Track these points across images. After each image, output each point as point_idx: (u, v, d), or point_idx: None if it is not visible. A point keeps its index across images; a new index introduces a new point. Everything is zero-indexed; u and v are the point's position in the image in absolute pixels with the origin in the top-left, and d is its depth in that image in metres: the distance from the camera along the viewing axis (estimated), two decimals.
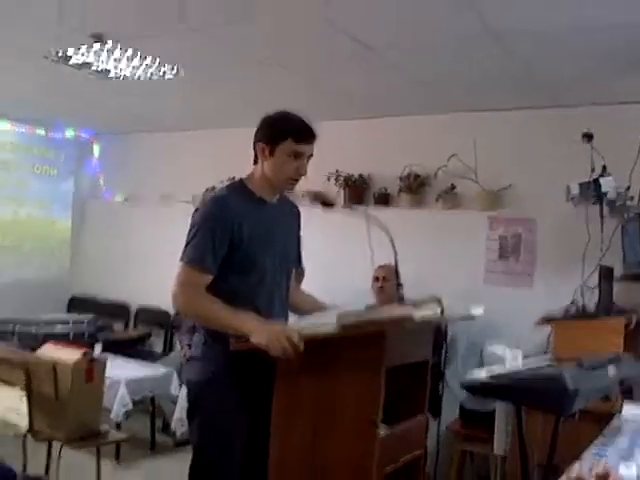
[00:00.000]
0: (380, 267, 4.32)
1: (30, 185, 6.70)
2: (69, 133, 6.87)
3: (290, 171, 2.29)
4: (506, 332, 3.14)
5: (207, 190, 5.68)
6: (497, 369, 2.34)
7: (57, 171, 6.95)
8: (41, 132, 6.66)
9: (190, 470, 2.28)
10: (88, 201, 7.05)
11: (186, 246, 2.23)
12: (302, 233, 2.61)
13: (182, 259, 2.23)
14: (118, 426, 4.11)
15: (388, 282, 4.26)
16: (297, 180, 2.35)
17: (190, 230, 2.24)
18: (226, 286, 2.22)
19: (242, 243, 2.23)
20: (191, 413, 2.32)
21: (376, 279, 4.41)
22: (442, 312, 2.15)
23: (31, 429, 3.12)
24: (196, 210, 2.30)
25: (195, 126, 5.98)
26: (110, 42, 3.73)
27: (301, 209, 4.85)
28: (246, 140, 2.42)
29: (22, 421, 3.15)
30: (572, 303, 3.32)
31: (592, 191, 3.48)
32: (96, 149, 7.02)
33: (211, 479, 2.24)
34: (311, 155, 2.33)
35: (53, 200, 6.93)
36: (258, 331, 2.06)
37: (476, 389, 2.33)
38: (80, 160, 7.05)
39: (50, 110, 5.91)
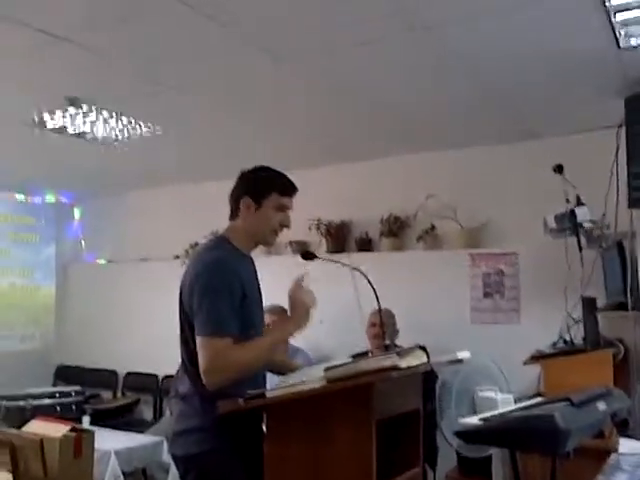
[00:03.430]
0: (377, 312, 4.27)
1: (12, 253, 6.67)
2: (49, 198, 6.87)
3: (275, 224, 2.35)
4: (497, 373, 3.11)
5: (190, 246, 5.68)
6: (489, 415, 2.31)
7: (39, 237, 6.94)
8: (20, 198, 6.66)
9: None
10: (71, 265, 7.02)
11: (204, 315, 2.13)
12: (288, 282, 2.62)
13: (205, 331, 2.13)
14: None
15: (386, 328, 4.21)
16: (281, 232, 2.40)
17: (202, 297, 2.15)
18: None
19: (244, 303, 2.21)
20: None
21: (373, 325, 4.34)
22: (428, 359, 2.13)
23: None
24: (200, 274, 2.20)
25: (172, 181, 6.02)
26: (85, 106, 3.79)
27: (285, 259, 4.85)
28: (222, 192, 2.44)
29: None
30: (559, 338, 3.30)
31: (568, 222, 3.49)
32: (77, 212, 7.03)
33: None
34: (291, 208, 2.38)
35: (36, 267, 6.91)
36: (292, 329, 2.30)
37: (468, 437, 2.29)
38: (61, 224, 7.07)
39: (28, 175, 5.94)
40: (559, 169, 3.57)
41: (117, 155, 4.96)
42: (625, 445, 2.65)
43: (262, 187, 2.34)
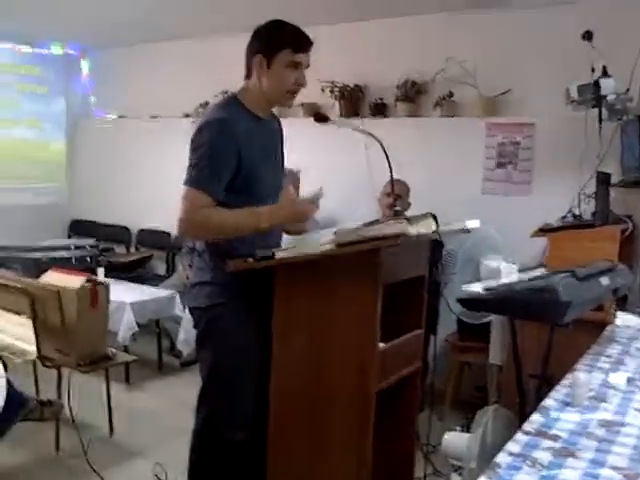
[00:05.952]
0: (396, 182, 4.20)
1: (20, 105, 6.58)
2: (55, 49, 6.66)
3: (289, 82, 2.23)
4: (504, 244, 3.14)
5: (201, 105, 5.58)
6: (492, 283, 2.36)
7: (47, 89, 6.80)
8: (27, 49, 6.47)
9: (201, 395, 2.29)
10: (81, 120, 6.94)
11: (191, 168, 2.14)
12: (299, 145, 2.56)
13: (187, 182, 2.14)
14: (125, 349, 4.20)
15: (401, 199, 4.19)
16: (296, 92, 2.29)
17: (194, 151, 2.15)
18: (232, 208, 2.17)
19: (246, 165, 2.18)
20: (204, 339, 2.30)
21: (387, 194, 4.29)
22: (437, 228, 2.15)
23: (39, 355, 3.19)
24: (199, 129, 2.17)
25: (185, 34, 5.75)
26: None
27: (296, 121, 4.77)
28: (237, 48, 2.33)
29: (30, 348, 3.22)
30: (569, 212, 3.30)
31: (591, 94, 3.38)
32: (84, 65, 6.84)
33: (225, 401, 2.24)
34: (308, 65, 2.26)
35: (46, 119, 6.84)
36: (277, 219, 2.20)
37: (471, 303, 2.35)
38: (69, 77, 6.88)
39: (34, 24, 5.68)
40: (588, 36, 3.40)
41: (125, 3, 4.74)
42: (622, 319, 2.73)
43: (273, 43, 2.21)
